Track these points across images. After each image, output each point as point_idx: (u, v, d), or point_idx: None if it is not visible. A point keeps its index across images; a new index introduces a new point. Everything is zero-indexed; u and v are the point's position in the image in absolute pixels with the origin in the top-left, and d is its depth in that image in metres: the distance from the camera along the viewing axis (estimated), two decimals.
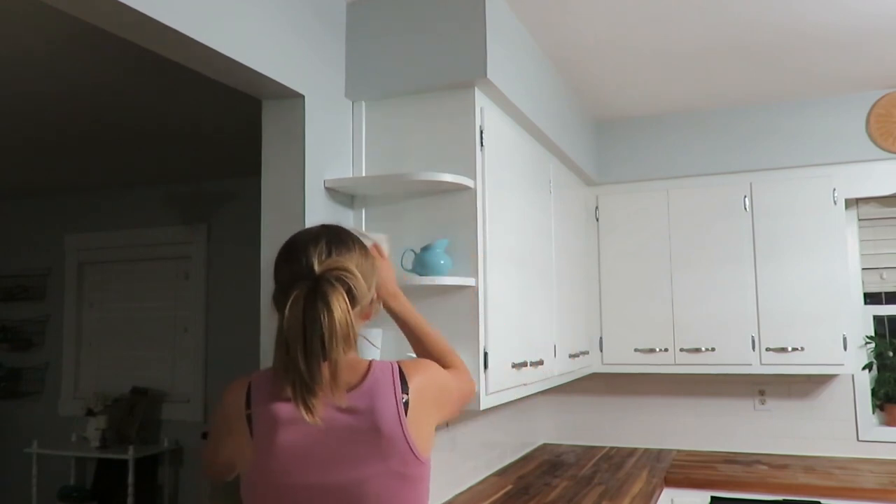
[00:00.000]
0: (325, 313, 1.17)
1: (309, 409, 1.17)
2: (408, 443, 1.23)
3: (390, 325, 1.60)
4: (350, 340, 1.20)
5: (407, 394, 1.25)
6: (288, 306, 1.19)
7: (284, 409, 1.21)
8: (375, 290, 1.34)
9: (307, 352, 1.17)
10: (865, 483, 2.82)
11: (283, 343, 1.19)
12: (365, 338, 1.93)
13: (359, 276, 1.23)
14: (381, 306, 1.45)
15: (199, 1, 1.59)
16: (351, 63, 2.22)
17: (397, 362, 1.30)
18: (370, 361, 1.28)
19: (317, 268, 1.21)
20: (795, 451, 3.40)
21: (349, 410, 1.22)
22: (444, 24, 2.13)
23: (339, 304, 1.18)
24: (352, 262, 1.25)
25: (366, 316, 1.32)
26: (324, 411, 1.20)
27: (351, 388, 1.23)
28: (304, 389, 1.17)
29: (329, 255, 1.24)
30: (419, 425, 1.26)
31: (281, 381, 1.20)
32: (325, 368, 1.18)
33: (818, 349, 3.10)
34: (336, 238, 1.28)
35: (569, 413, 3.81)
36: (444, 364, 1.45)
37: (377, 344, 2.00)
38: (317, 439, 1.21)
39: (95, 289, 5.00)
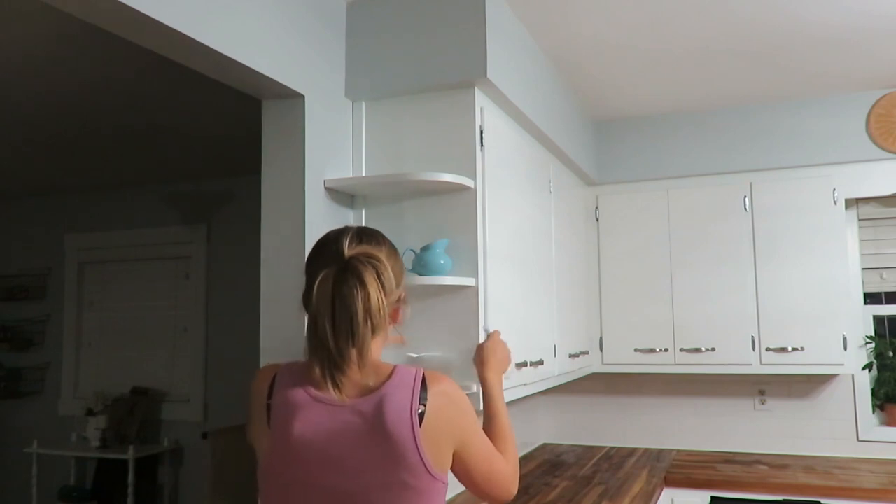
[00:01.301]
0: (358, 288, 1.16)
1: (337, 387, 1.16)
2: (420, 455, 1.17)
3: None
4: (379, 323, 1.19)
5: (424, 404, 1.19)
6: (317, 285, 1.18)
7: (301, 397, 1.21)
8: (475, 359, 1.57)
9: (336, 328, 1.16)
10: (865, 483, 2.82)
11: (312, 324, 1.18)
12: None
13: (388, 266, 1.23)
14: (410, 312, 1.43)
15: (199, 0, 1.59)
16: (351, 63, 2.22)
17: (423, 371, 1.25)
18: (395, 366, 1.24)
19: (347, 253, 1.21)
20: (795, 451, 3.40)
21: (361, 413, 1.18)
22: (444, 24, 2.13)
23: (372, 282, 1.17)
24: (382, 254, 1.25)
25: (395, 316, 1.31)
26: (339, 412, 1.19)
27: (370, 392, 1.20)
28: (333, 366, 1.16)
29: (360, 243, 1.24)
30: (434, 441, 1.20)
31: (309, 367, 1.19)
32: (354, 351, 1.17)
33: (818, 349, 3.10)
34: (366, 232, 1.29)
35: (569, 413, 3.81)
36: (496, 446, 1.45)
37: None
38: (328, 437, 1.19)
39: (95, 289, 5.00)
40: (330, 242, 1.26)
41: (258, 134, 2.06)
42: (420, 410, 1.18)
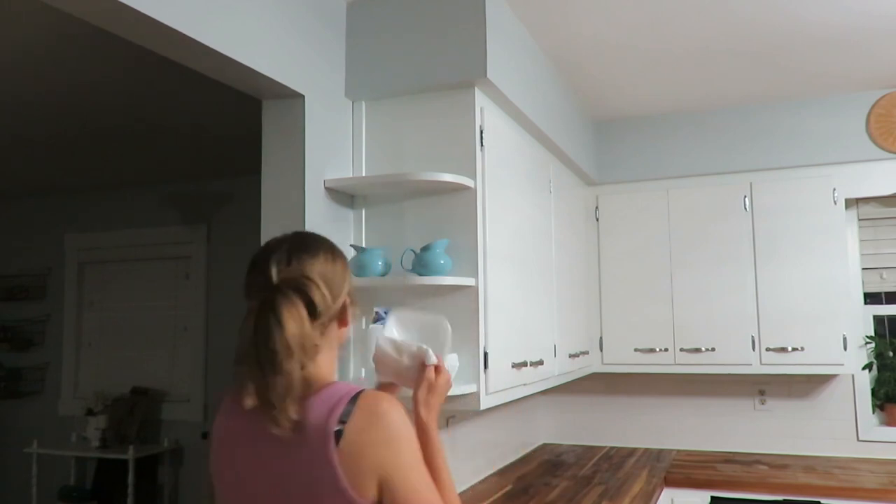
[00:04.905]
0: (276, 327, 1.11)
1: (275, 421, 1.10)
2: (338, 480, 1.06)
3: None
4: (307, 352, 1.13)
5: (345, 422, 1.07)
6: (244, 319, 1.16)
7: (230, 406, 1.22)
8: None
9: (260, 364, 1.11)
10: (865, 483, 2.82)
11: (239, 358, 1.15)
12: (373, 331, 1.86)
13: (320, 284, 1.16)
14: (358, 310, 1.36)
15: (199, 0, 1.59)
16: (351, 63, 2.22)
17: (363, 389, 1.13)
18: (333, 382, 1.16)
19: (275, 278, 1.15)
20: (795, 451, 3.40)
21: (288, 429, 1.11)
22: (444, 24, 2.13)
23: (292, 317, 1.12)
24: (314, 269, 1.17)
25: (343, 322, 1.24)
26: (264, 428, 1.12)
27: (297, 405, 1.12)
28: (264, 403, 1.11)
29: (289, 263, 1.16)
30: (354, 465, 1.07)
31: (239, 394, 1.16)
32: (280, 382, 1.10)
33: (818, 349, 3.10)
34: (300, 245, 1.21)
35: (569, 413, 3.81)
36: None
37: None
38: (252, 448, 1.16)
39: (95, 289, 5.00)
40: (262, 261, 1.19)
41: (258, 134, 2.06)
42: (337, 429, 1.07)
